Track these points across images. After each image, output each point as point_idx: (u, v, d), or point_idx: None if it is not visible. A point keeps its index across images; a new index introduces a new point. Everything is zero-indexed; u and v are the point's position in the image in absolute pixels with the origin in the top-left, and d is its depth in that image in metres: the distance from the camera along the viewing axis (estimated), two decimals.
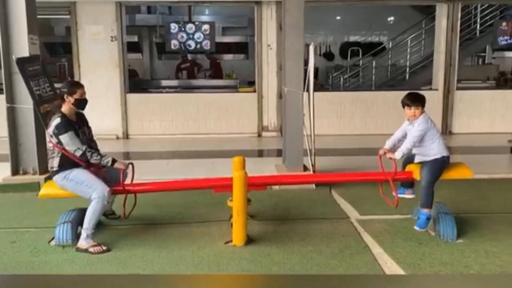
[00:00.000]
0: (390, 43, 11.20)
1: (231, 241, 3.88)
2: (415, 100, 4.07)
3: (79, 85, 3.93)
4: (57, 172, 3.81)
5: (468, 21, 10.16)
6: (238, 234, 3.82)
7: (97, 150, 4.02)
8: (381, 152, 4.23)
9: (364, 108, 8.71)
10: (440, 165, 4.06)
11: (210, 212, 4.64)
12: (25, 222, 4.48)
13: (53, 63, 10.81)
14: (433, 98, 8.63)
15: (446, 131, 8.61)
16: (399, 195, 4.20)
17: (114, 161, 3.85)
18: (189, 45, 8.93)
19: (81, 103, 3.90)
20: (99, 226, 3.99)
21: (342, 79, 10.56)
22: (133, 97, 8.62)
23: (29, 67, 5.16)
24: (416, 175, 4.10)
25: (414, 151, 4.16)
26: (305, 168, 5.59)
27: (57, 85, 8.90)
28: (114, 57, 8.30)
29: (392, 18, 12.54)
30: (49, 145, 3.85)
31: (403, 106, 4.12)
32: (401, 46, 11.01)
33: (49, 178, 5.42)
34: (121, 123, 8.54)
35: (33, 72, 5.20)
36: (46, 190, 4.11)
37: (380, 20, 12.62)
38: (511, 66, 10.55)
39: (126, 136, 8.62)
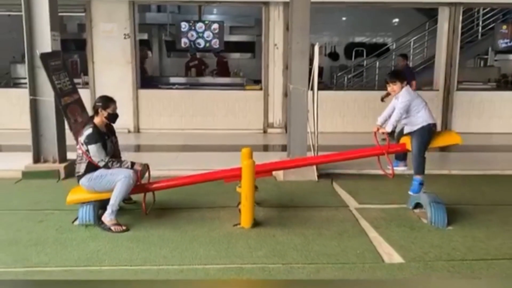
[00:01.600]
0: (394, 44, 11.50)
1: (239, 223, 4.22)
2: (391, 76, 4.59)
3: (112, 101, 4.31)
4: (83, 175, 4.19)
5: (471, 23, 10.44)
6: (246, 217, 4.17)
7: (119, 157, 4.47)
8: (374, 128, 4.63)
9: (366, 107, 9.01)
10: (427, 132, 4.43)
11: (220, 199, 4.99)
12: (49, 205, 4.84)
13: (66, 60, 11.22)
14: (434, 98, 8.95)
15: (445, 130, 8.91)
16: (397, 168, 4.62)
17: (132, 164, 4.23)
18: (199, 44, 9.31)
19: (113, 117, 4.31)
20: (119, 210, 4.34)
21: (346, 78, 10.88)
22: (144, 93, 8.99)
23: (52, 62, 5.52)
24: (409, 146, 4.47)
25: (403, 122, 4.53)
26: None
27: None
28: (126, 54, 8.67)
29: (396, 20, 12.84)
30: (79, 152, 4.22)
31: (385, 83, 4.63)
32: (405, 48, 11.31)
33: (66, 168, 5.81)
34: (132, 118, 8.90)
35: (55, 66, 5.57)
36: (73, 196, 4.39)
37: (385, 22, 12.94)
38: None
39: (137, 130, 8.99)
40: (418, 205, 4.59)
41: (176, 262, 3.54)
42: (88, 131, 4.14)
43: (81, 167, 4.20)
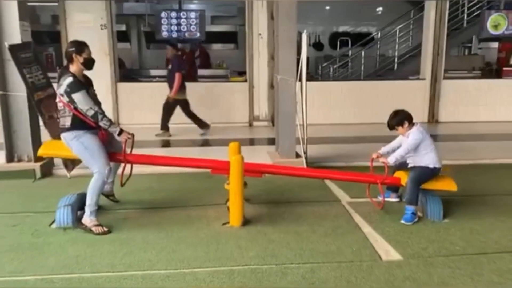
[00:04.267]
0: (379, 34, 11.37)
1: (228, 222, 4.00)
2: (391, 121, 4.28)
3: (86, 45, 3.89)
4: (68, 129, 3.81)
5: (456, 11, 10.36)
6: (235, 215, 3.95)
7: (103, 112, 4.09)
8: (374, 155, 4.40)
9: (353, 97, 8.88)
10: (429, 173, 4.22)
11: (206, 196, 4.77)
12: (24, 207, 4.53)
13: (39, 53, 10.70)
14: (421, 87, 8.87)
15: (433, 119, 8.85)
16: (387, 199, 4.45)
17: (121, 131, 3.90)
18: (179, 34, 8.96)
19: (89, 62, 3.88)
20: (99, 210, 4.07)
21: (332, 69, 10.71)
22: (123, 86, 8.64)
23: (22, 54, 5.16)
24: (403, 182, 4.26)
25: (408, 159, 4.33)
26: (298, 156, 5.73)
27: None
28: (104, 46, 8.30)
29: (381, 8, 12.70)
30: (60, 105, 3.82)
31: (389, 129, 4.34)
32: (390, 37, 11.19)
33: (43, 166, 5.49)
34: (112, 112, 8.56)
35: (25, 59, 5.21)
36: (45, 149, 4.14)
37: (369, 11, 12.80)
38: (496, 57, 10.82)
39: (117, 125, 8.63)
40: None
41: (162, 267, 3.30)
42: (68, 79, 3.71)
43: (66, 121, 3.80)
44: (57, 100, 3.87)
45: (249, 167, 4.15)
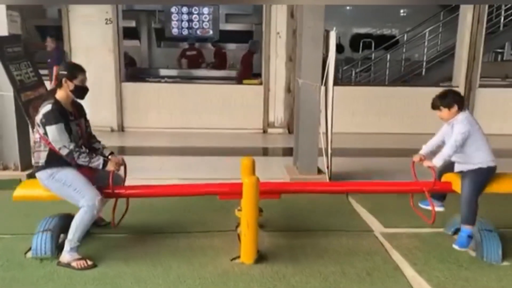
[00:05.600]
0: (405, 36, 10.56)
1: (238, 257, 3.29)
2: (437, 100, 3.54)
3: (81, 70, 3.27)
4: (43, 168, 3.20)
5: (491, 14, 9.52)
6: (247, 250, 3.24)
7: (96, 143, 3.51)
8: (415, 158, 3.64)
9: (377, 104, 8.12)
10: (485, 176, 3.46)
11: (213, 219, 4.07)
12: (0, 226, 3.87)
13: (45, 48, 10.16)
14: None
15: None
16: (426, 207, 3.65)
17: (105, 163, 3.25)
18: (190, 32, 8.29)
19: (81, 91, 3.27)
20: (84, 235, 3.39)
21: (354, 72, 9.94)
22: (129, 87, 8.00)
23: (8, 48, 4.53)
24: (456, 187, 3.50)
25: (453, 158, 3.56)
26: (319, 171, 5.00)
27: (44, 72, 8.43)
28: (108, 42, 7.66)
29: (407, 9, 11.88)
30: (36, 136, 3.22)
31: (432, 108, 3.62)
32: (416, 40, 10.37)
33: (30, 176, 4.82)
34: (116, 115, 7.92)
35: (12, 54, 4.58)
36: (22, 190, 3.49)
37: (394, 11, 12.00)
38: None
39: (121, 128, 8.01)
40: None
41: None
42: (46, 108, 3.10)
43: (40, 156, 3.19)
44: (34, 130, 3.25)
45: (265, 187, 3.43)
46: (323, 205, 4.50)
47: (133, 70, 9.19)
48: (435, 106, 3.57)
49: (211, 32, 8.17)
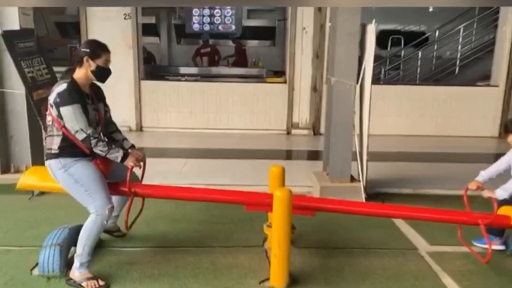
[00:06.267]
0: (437, 32, 9.96)
1: (267, 279, 2.90)
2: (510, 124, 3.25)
3: (105, 49, 2.87)
4: (55, 156, 2.81)
5: None
6: (278, 273, 2.84)
7: (115, 132, 3.12)
8: (472, 186, 3.21)
9: (409, 104, 7.63)
10: None
11: (238, 231, 3.70)
12: (8, 237, 3.58)
13: (64, 45, 9.94)
14: (492, 95, 7.50)
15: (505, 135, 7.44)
16: (480, 245, 3.23)
17: (125, 156, 2.86)
18: (212, 27, 7.92)
19: (103, 72, 2.87)
20: (96, 248, 3.05)
21: (383, 70, 9.42)
22: (148, 85, 7.69)
23: (20, 43, 4.22)
24: None
25: None
26: (352, 179, 4.57)
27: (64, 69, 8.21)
28: (127, 38, 7.36)
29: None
30: (48, 118, 2.84)
31: (505, 131, 3.29)
32: (449, 36, 9.78)
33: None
34: (134, 114, 7.62)
35: (24, 49, 4.27)
36: (27, 179, 3.14)
37: (424, 7, 11.39)
38: None
39: (140, 128, 7.71)
40: None
41: None
42: (61, 87, 2.73)
43: (53, 142, 2.80)
44: (47, 113, 2.87)
45: (299, 202, 3.03)
46: (358, 217, 4.05)
47: (152, 68, 8.89)
48: (507, 129, 3.26)
49: (233, 27, 7.77)
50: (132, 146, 3.10)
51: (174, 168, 5.51)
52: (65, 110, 2.69)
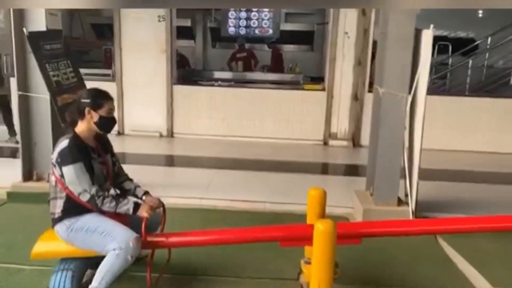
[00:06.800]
0: (489, 39, 9.22)
1: None
2: None
3: (107, 97, 2.66)
4: (59, 220, 2.60)
5: None
6: None
7: (126, 181, 2.87)
8: None
9: (458, 117, 6.99)
10: None
11: (269, 261, 3.29)
12: (21, 254, 3.31)
13: (99, 47, 9.90)
14: None
15: None
16: None
17: (137, 206, 2.58)
18: (248, 31, 7.58)
19: (108, 123, 2.66)
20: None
21: (429, 80, 8.77)
22: (180, 89, 7.42)
23: (45, 45, 3.99)
24: None
25: None
26: (399, 202, 4.07)
27: (102, 71, 8.05)
28: (161, 41, 7.12)
29: (489, 9, 10.49)
30: (52, 179, 2.62)
31: None
32: (502, 44, 9.01)
33: None
34: (165, 119, 7.37)
35: (50, 51, 4.05)
36: (41, 247, 2.76)
37: (474, 12, 10.65)
38: None
39: (171, 134, 7.45)
40: None
41: None
42: (62, 144, 2.54)
43: (56, 205, 2.60)
44: (50, 172, 2.64)
45: (343, 230, 2.59)
46: (406, 247, 3.58)
47: (185, 72, 8.65)
48: None
49: (270, 31, 7.39)
50: (146, 193, 2.84)
51: (202, 180, 5.15)
52: (67, 170, 2.48)
